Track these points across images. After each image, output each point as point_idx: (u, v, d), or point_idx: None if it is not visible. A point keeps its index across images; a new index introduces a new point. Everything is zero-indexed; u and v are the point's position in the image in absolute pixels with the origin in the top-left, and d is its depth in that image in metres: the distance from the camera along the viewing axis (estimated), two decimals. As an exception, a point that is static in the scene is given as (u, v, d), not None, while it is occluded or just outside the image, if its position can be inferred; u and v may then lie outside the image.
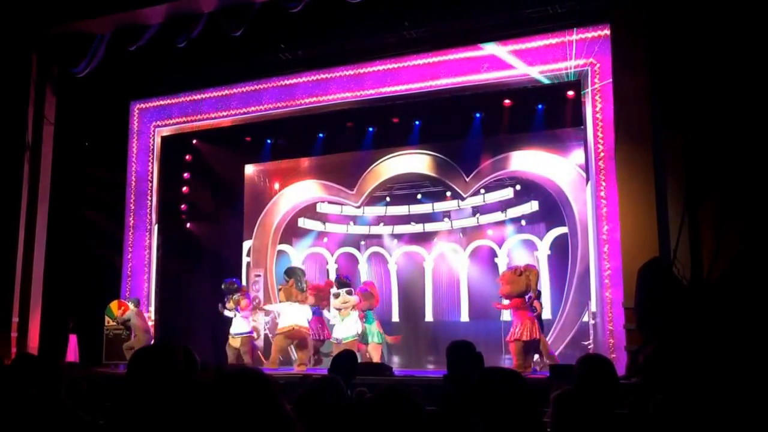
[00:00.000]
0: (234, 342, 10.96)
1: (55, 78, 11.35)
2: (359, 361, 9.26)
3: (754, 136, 7.53)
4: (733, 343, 6.83)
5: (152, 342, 11.10)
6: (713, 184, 7.78)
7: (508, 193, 12.22)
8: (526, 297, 9.48)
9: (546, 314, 11.21)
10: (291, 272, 11.30)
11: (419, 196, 12.99)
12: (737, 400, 2.56)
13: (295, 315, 10.76)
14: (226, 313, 11.09)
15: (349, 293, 10.88)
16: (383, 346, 10.91)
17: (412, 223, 13.07)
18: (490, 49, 10.16)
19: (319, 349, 11.19)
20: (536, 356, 9.67)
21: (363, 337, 10.59)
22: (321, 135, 12.61)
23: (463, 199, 12.29)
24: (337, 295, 10.86)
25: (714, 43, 7.82)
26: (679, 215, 7.81)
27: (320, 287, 11.43)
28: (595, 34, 9.63)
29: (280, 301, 11.15)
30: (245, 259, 13.04)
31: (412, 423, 2.68)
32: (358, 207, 12.98)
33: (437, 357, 11.86)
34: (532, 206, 11.94)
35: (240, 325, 11.04)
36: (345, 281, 11.08)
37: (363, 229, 13.43)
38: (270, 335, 11.90)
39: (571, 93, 10.39)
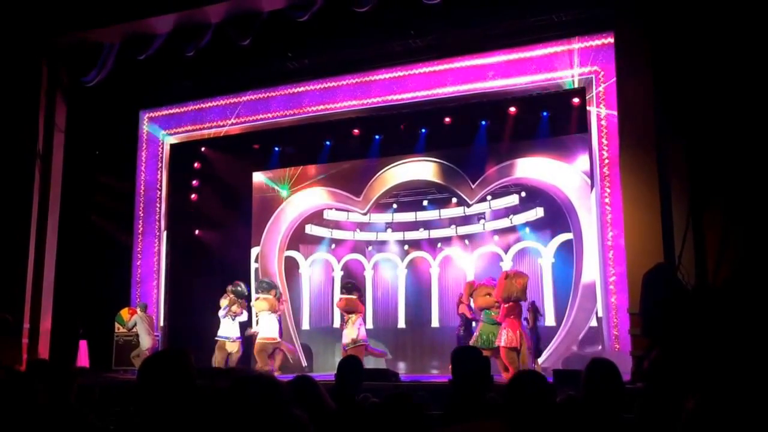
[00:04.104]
0: (231, 346, 11.05)
1: (65, 87, 11.45)
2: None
3: (758, 142, 7.57)
4: (738, 348, 6.87)
5: (157, 345, 11.24)
6: (717, 190, 7.81)
7: (513, 199, 12.25)
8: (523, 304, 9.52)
9: (550, 320, 11.26)
10: (273, 285, 11.64)
11: (425, 203, 13.05)
12: (742, 405, 2.60)
13: (275, 326, 11.19)
14: (226, 315, 11.18)
15: (348, 300, 11.00)
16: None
17: (421, 229, 13.13)
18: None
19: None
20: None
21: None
22: (328, 142, 12.73)
23: (469, 205, 12.34)
24: (340, 300, 11.00)
25: (718, 50, 7.87)
26: (684, 221, 7.84)
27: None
28: (600, 42, 9.73)
29: (259, 311, 11.27)
30: (253, 265, 13.13)
31: (415, 428, 2.76)
32: (365, 214, 13.05)
33: (443, 362, 11.91)
34: (538, 213, 11.97)
35: (236, 328, 11.19)
36: (350, 284, 11.21)
37: (369, 236, 13.50)
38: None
39: (575, 100, 10.48)
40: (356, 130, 12.26)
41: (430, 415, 3.56)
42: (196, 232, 13.14)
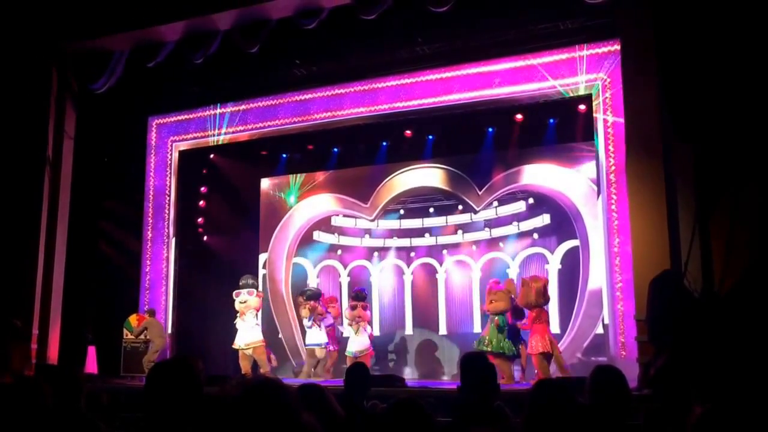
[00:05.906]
0: (321, 352, 10.94)
1: (74, 93, 11.49)
2: None
3: (766, 148, 7.57)
4: (744, 355, 6.86)
5: (168, 347, 11.27)
6: (724, 197, 7.82)
7: (520, 206, 12.29)
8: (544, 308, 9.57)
9: (555, 327, 11.27)
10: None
11: (432, 210, 13.09)
12: (749, 412, 2.62)
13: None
14: (312, 324, 10.94)
15: (364, 308, 11.00)
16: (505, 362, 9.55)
17: (426, 235, 13.15)
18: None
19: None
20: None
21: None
22: (335, 149, 12.80)
23: (475, 212, 12.37)
24: (354, 307, 11.00)
25: (724, 56, 7.88)
26: (690, 228, 7.84)
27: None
28: (606, 49, 9.76)
29: (255, 308, 11.04)
30: (261, 272, 13.18)
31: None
32: (372, 220, 13.09)
33: (451, 368, 11.93)
34: (544, 219, 12.00)
35: (323, 334, 11.05)
36: (362, 294, 11.21)
37: (376, 242, 13.53)
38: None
39: (582, 107, 10.50)
40: (363, 137, 12.34)
41: (437, 422, 3.58)
42: (205, 238, 13.20)
